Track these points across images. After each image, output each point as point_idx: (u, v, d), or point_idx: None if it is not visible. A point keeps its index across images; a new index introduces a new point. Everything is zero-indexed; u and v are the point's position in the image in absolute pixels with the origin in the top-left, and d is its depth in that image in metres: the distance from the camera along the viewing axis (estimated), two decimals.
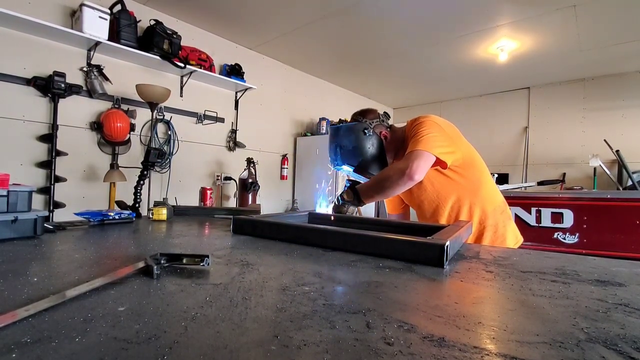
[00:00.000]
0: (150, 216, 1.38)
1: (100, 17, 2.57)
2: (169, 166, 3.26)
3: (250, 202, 3.46)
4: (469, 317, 0.45)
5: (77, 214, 1.20)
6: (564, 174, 4.71)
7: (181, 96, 3.43)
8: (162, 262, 0.63)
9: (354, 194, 1.27)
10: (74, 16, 2.64)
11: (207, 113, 3.58)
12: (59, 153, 2.53)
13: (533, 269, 0.74)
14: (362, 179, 1.41)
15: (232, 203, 3.77)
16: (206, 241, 0.97)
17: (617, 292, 0.59)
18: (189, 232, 1.11)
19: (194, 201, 3.38)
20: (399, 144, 1.39)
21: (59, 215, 2.53)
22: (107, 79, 2.77)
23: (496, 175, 3.77)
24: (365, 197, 1.26)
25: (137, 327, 0.38)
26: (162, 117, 3.17)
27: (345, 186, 1.34)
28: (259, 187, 3.50)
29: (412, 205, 1.49)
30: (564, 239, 2.52)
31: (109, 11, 2.65)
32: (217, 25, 3.53)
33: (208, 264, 0.64)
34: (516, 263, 0.79)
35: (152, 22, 2.94)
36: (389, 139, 1.39)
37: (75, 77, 2.67)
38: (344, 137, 1.35)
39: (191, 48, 3.33)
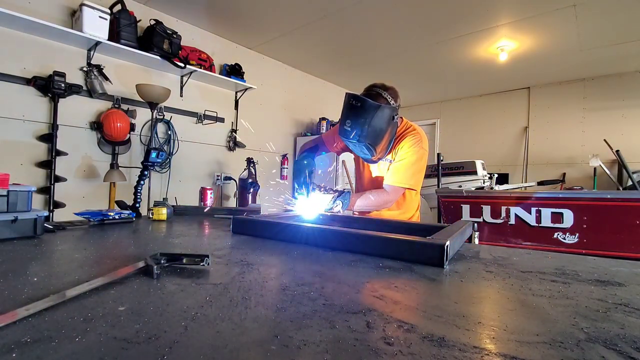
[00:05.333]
0: (150, 216, 1.38)
1: (100, 17, 2.57)
2: (169, 166, 3.26)
3: (250, 202, 3.46)
4: (468, 317, 0.45)
5: (77, 214, 1.20)
6: (564, 174, 4.71)
7: (181, 96, 3.43)
8: (162, 262, 0.63)
9: (342, 206, 1.39)
10: (74, 16, 2.64)
11: (207, 113, 3.58)
12: (59, 153, 2.53)
13: (533, 269, 0.74)
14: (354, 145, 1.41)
15: (232, 203, 3.77)
16: (206, 241, 0.97)
17: (617, 292, 0.59)
18: (189, 232, 1.11)
19: (194, 201, 3.38)
20: (392, 136, 1.43)
21: (59, 215, 2.53)
22: (107, 78, 2.77)
23: (496, 175, 3.76)
24: (351, 209, 1.43)
25: (137, 327, 0.38)
26: (162, 117, 3.17)
27: (335, 198, 1.35)
28: (259, 187, 3.50)
29: (357, 178, 1.73)
30: (564, 239, 2.52)
31: (109, 11, 2.65)
32: (217, 25, 3.53)
33: (208, 264, 0.64)
34: (516, 263, 0.79)
35: (152, 22, 2.94)
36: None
37: (75, 77, 2.66)
38: (373, 115, 1.26)
39: (191, 48, 3.33)
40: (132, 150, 3.02)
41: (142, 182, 1.45)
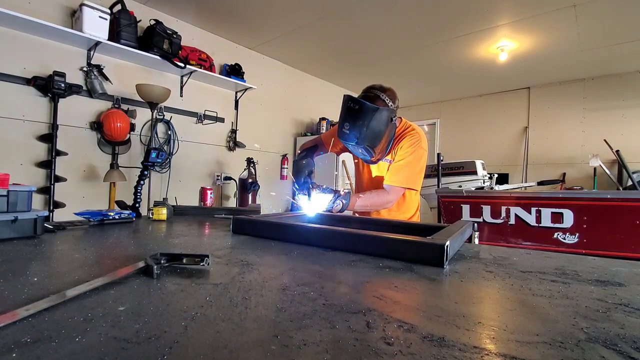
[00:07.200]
0: (150, 216, 1.38)
1: (100, 17, 2.57)
2: (169, 166, 3.26)
3: (250, 202, 3.46)
4: (468, 317, 0.45)
5: (77, 214, 1.20)
6: (564, 174, 4.71)
7: (181, 96, 3.43)
8: (162, 262, 0.63)
9: (342, 206, 1.38)
10: (74, 16, 2.64)
11: (207, 113, 3.58)
12: (59, 153, 2.53)
13: (533, 269, 0.74)
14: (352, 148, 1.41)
15: (232, 203, 3.77)
16: (206, 241, 0.97)
17: (617, 292, 0.59)
18: (189, 232, 1.11)
19: (194, 201, 3.38)
20: (391, 137, 1.44)
21: (59, 215, 2.53)
22: (107, 78, 2.77)
23: (496, 175, 3.76)
24: (351, 209, 1.42)
25: (137, 327, 0.38)
26: (162, 117, 3.17)
27: (335, 198, 1.34)
28: (259, 187, 3.50)
29: (357, 178, 1.73)
30: (564, 239, 2.51)
31: (109, 11, 2.65)
32: (217, 25, 3.53)
33: (208, 264, 0.64)
34: (516, 263, 0.79)
35: (152, 22, 2.94)
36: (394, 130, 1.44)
37: (75, 77, 2.66)
38: (371, 118, 1.26)
39: (191, 48, 3.33)
40: (132, 150, 3.02)
41: (142, 182, 1.45)
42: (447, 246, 0.72)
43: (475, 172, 3.61)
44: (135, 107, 2.95)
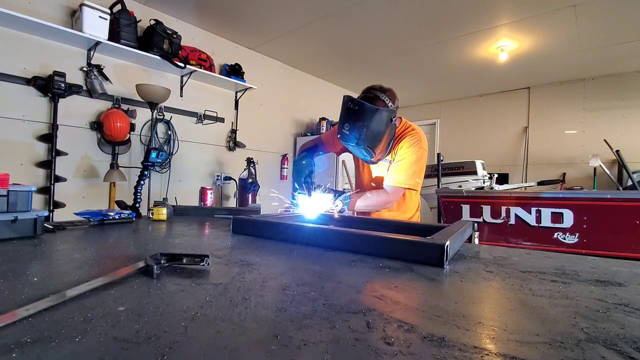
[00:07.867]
0: (150, 216, 1.38)
1: (100, 17, 2.57)
2: (169, 166, 3.26)
3: (250, 202, 3.46)
4: (468, 317, 0.45)
5: (77, 214, 1.20)
6: (564, 174, 4.71)
7: (181, 96, 3.43)
8: (162, 262, 0.63)
9: (342, 206, 1.38)
10: (74, 16, 2.64)
11: (207, 113, 3.58)
12: (59, 153, 2.52)
13: (533, 269, 0.74)
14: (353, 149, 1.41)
15: (232, 203, 3.77)
16: (206, 241, 0.97)
17: (617, 292, 0.59)
18: (189, 232, 1.11)
19: (194, 201, 3.38)
20: (391, 138, 1.44)
21: (59, 215, 2.53)
22: (107, 78, 2.77)
23: (496, 175, 3.76)
24: (351, 209, 1.44)
25: (137, 327, 0.38)
26: (162, 117, 3.17)
27: (335, 198, 1.35)
28: (259, 187, 3.50)
29: (357, 178, 1.73)
30: (564, 239, 2.52)
31: (109, 11, 2.65)
32: (217, 25, 3.53)
33: (208, 264, 0.64)
34: (516, 263, 0.79)
35: (152, 22, 2.93)
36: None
37: (75, 77, 2.66)
38: (371, 118, 1.26)
39: (191, 48, 3.33)
40: (132, 150, 3.01)
41: (142, 182, 1.45)
42: (447, 246, 0.72)
43: (475, 172, 3.61)
44: (135, 107, 2.95)
